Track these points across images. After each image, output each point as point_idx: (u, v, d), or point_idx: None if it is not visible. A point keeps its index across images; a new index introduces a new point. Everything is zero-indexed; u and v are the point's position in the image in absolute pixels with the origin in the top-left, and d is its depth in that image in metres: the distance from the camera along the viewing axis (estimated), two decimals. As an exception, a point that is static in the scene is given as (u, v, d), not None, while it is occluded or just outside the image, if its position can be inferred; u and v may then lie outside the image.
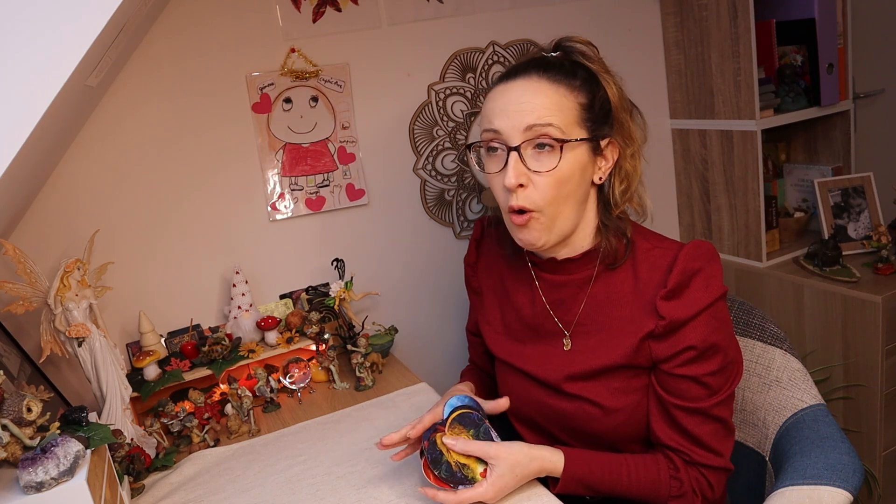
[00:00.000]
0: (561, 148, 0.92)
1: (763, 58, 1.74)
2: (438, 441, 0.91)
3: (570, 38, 1.01)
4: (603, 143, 0.97)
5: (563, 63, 0.97)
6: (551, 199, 0.93)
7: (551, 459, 0.92)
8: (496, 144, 0.96)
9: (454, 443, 0.90)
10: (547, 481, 0.96)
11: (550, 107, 0.92)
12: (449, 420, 0.93)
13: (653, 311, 0.93)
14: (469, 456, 0.90)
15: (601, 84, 0.97)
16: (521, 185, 0.93)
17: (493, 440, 0.93)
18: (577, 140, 0.93)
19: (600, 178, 0.99)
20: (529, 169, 0.93)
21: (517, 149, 0.93)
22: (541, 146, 0.92)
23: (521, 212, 0.95)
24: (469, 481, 0.89)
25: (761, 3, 1.68)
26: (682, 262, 0.92)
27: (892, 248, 1.70)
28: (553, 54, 0.99)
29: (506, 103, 0.94)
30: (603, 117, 0.96)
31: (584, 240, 1.01)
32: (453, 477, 0.89)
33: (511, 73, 0.97)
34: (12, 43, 0.76)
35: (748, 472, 1.12)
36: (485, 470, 0.89)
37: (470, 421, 0.93)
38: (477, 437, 0.92)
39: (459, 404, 0.96)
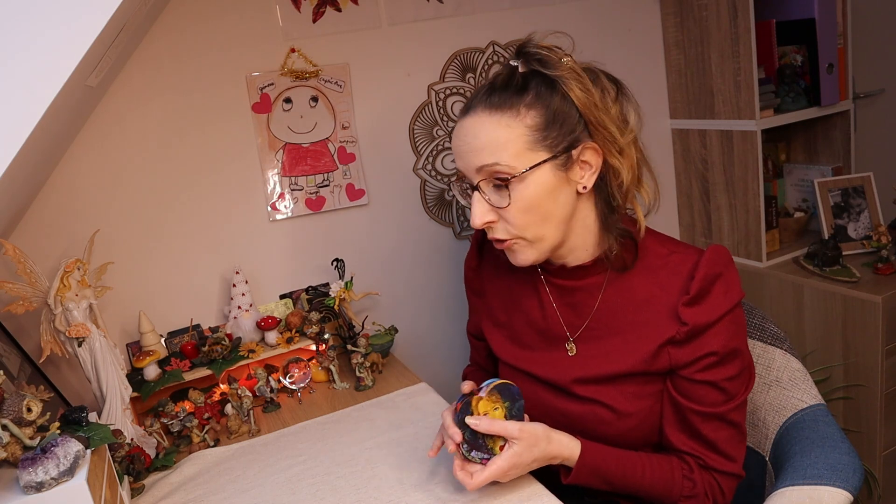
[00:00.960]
0: (507, 185, 0.90)
1: (763, 58, 1.74)
2: (473, 403, 0.92)
3: (529, 44, 0.95)
4: (575, 152, 0.90)
5: (512, 82, 0.92)
6: (523, 226, 0.92)
7: (568, 446, 0.92)
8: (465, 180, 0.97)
9: (478, 422, 0.89)
10: (552, 477, 0.96)
11: (492, 146, 0.90)
12: (490, 387, 0.92)
13: (674, 317, 0.92)
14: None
15: (560, 91, 0.90)
16: (491, 221, 0.94)
17: (523, 420, 0.93)
18: (529, 169, 0.89)
19: (584, 188, 0.93)
20: (493, 205, 0.93)
21: (477, 187, 0.93)
22: (498, 181, 0.91)
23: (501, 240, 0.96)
24: (487, 450, 0.90)
25: (761, 3, 1.68)
26: (704, 268, 0.91)
27: (892, 248, 1.70)
28: (514, 63, 0.94)
29: (458, 144, 0.94)
30: (568, 127, 0.90)
31: (587, 247, 0.98)
32: (475, 441, 0.90)
33: (464, 109, 0.96)
34: (12, 43, 0.76)
35: (748, 472, 1.11)
36: (503, 445, 0.91)
37: (509, 394, 0.93)
38: (510, 412, 0.92)
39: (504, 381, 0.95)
